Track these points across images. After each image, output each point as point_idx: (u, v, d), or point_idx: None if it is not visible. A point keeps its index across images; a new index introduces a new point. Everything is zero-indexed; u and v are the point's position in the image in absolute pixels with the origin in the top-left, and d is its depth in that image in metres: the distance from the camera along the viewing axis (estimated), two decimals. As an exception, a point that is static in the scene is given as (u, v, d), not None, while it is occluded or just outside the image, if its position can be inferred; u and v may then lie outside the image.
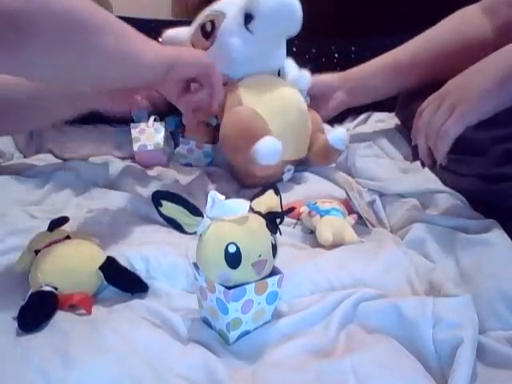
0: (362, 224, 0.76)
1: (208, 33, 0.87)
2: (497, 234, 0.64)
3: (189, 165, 0.99)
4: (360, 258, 0.63)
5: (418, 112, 0.73)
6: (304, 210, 0.74)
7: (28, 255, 0.58)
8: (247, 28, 0.83)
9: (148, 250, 0.63)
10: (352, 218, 0.72)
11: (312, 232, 0.71)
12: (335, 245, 0.68)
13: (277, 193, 0.55)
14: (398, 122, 1.13)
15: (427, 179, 0.84)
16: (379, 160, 0.94)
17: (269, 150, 0.76)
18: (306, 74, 0.93)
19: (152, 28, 1.12)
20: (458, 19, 0.93)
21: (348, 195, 0.77)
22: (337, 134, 0.87)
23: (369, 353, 0.47)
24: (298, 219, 0.75)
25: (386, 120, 1.15)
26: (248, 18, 0.83)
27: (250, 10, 0.82)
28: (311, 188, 0.85)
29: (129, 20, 1.10)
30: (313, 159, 0.92)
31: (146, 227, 0.73)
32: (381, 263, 0.61)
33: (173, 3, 1.33)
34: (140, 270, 0.60)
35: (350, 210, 0.75)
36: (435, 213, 0.73)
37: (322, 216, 0.70)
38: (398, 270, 0.60)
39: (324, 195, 0.80)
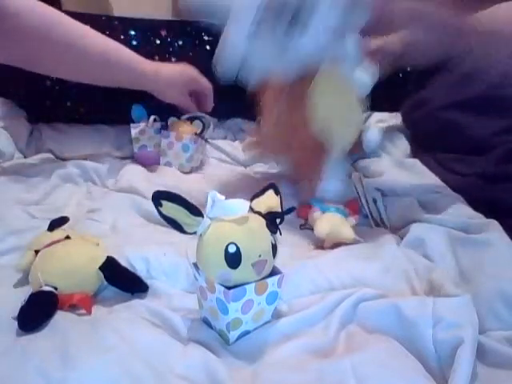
0: (362, 224, 0.76)
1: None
2: (497, 234, 0.64)
3: (168, 164, 0.98)
4: (360, 257, 0.63)
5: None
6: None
7: (29, 255, 0.58)
8: None
9: (148, 250, 0.62)
10: (353, 219, 0.72)
11: (312, 229, 0.72)
12: (332, 240, 0.68)
13: (277, 193, 0.55)
14: (398, 122, 1.13)
15: (427, 179, 0.84)
16: (379, 159, 0.94)
17: (331, 195, 0.76)
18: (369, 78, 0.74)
19: (151, 28, 1.13)
20: None
21: (357, 190, 0.77)
22: (371, 138, 0.82)
23: (369, 353, 0.47)
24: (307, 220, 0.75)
25: (386, 120, 1.15)
26: None
27: None
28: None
29: (129, 20, 1.12)
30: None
31: (146, 227, 0.73)
32: (381, 263, 0.61)
33: (173, 3, 1.32)
34: (140, 270, 0.60)
35: (356, 211, 0.75)
36: (435, 213, 0.73)
37: (323, 212, 0.72)
38: (397, 270, 0.60)
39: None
